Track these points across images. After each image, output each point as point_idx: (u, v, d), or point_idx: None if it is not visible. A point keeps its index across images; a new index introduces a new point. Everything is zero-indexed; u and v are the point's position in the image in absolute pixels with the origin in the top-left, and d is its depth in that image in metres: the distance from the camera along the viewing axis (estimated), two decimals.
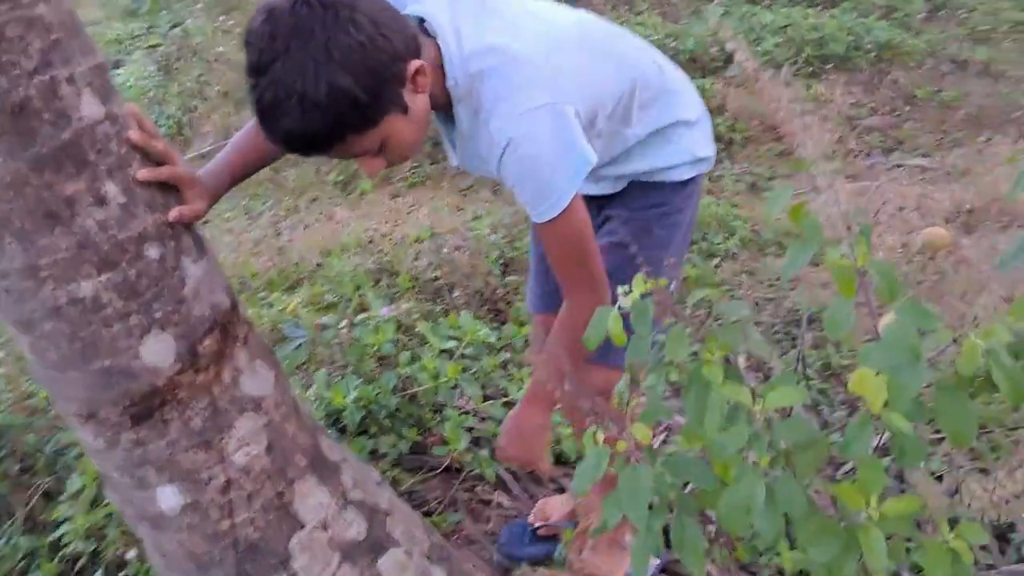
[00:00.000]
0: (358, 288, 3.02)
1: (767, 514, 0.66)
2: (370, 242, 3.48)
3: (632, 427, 0.72)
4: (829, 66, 4.89)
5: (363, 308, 2.88)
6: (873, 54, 4.98)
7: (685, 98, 1.63)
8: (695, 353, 0.71)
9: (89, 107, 1.18)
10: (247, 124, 1.50)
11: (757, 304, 2.97)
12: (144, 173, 1.25)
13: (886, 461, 1.00)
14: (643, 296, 0.74)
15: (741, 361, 2.43)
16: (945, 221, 3.65)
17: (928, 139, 4.42)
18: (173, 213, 1.29)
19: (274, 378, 1.47)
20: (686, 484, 0.74)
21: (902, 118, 4.62)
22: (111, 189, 1.21)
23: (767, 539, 0.66)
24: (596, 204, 1.71)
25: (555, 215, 1.35)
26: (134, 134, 1.25)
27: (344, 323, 2.61)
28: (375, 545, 1.59)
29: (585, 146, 1.35)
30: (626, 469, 0.72)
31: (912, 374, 0.60)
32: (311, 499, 1.51)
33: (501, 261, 3.06)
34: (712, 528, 0.77)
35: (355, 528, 1.57)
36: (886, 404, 0.61)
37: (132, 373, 1.27)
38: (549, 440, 1.61)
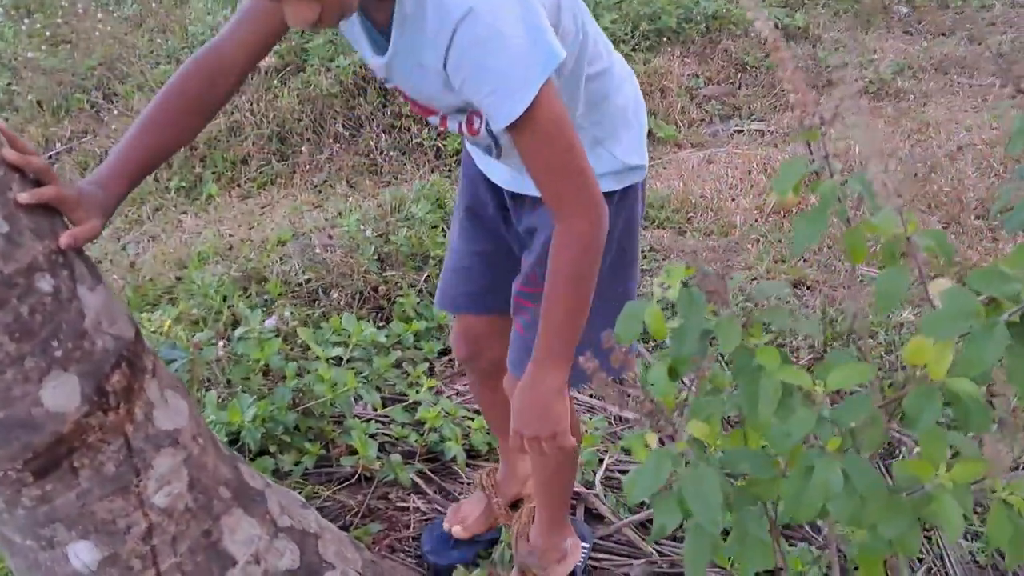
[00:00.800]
0: (225, 299, 2.84)
1: (843, 498, 0.64)
2: (229, 249, 3.28)
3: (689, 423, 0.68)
4: (665, 39, 5.02)
5: (235, 320, 2.72)
6: (703, 25, 5.15)
7: (627, 88, 1.52)
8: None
9: None
10: (137, 119, 1.33)
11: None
12: (26, 196, 1.10)
13: None
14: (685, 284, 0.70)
15: None
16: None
17: (762, 103, 4.63)
18: (65, 238, 1.15)
19: (187, 408, 1.35)
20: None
21: (736, 85, 4.81)
22: None
23: (845, 521, 0.64)
24: (516, 209, 1.60)
25: (527, 107, 1.15)
26: (9, 153, 1.10)
27: (221, 340, 2.45)
28: (310, 571, 1.50)
29: (552, 35, 1.17)
30: (688, 469, 0.68)
31: (990, 339, 0.59)
32: (240, 533, 1.40)
33: (376, 257, 2.96)
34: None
35: (288, 557, 1.47)
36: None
37: (32, 422, 1.13)
38: (569, 408, 1.41)
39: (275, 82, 4.36)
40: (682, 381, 0.75)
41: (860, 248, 0.70)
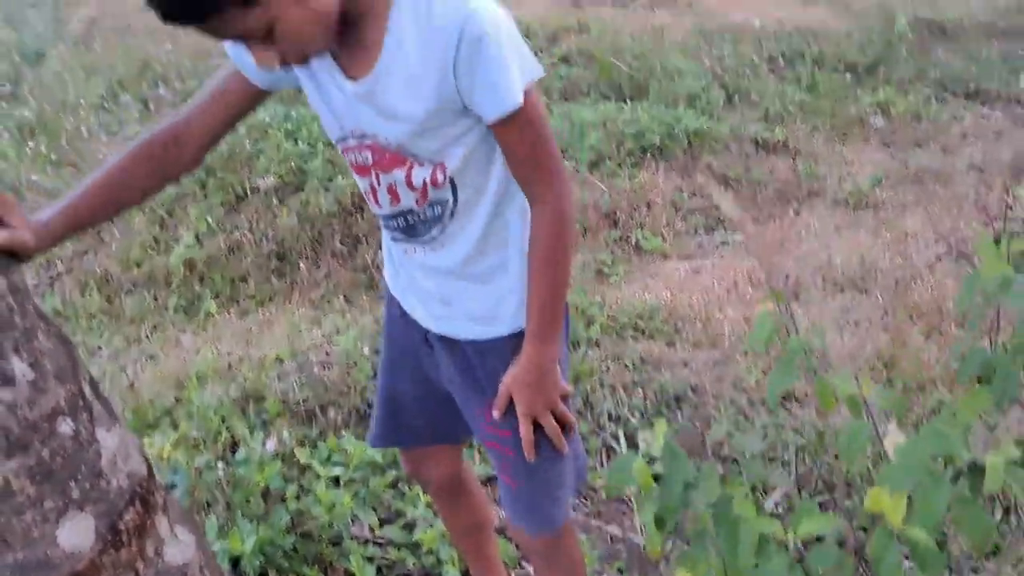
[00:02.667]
0: (224, 420, 2.88)
1: None
2: (228, 368, 3.33)
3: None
4: (649, 155, 5.22)
5: (234, 441, 2.76)
6: (686, 141, 5.35)
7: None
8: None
9: None
10: (93, 173, 1.42)
11: (625, 389, 3.07)
12: None
13: None
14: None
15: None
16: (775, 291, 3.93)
17: (745, 216, 4.77)
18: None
19: (195, 542, 1.38)
20: None
21: (720, 198, 4.97)
22: (18, 366, 1.12)
23: None
24: (449, 351, 1.58)
25: (522, 96, 1.28)
26: None
27: (220, 461, 2.49)
28: None
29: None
30: None
31: (938, 494, 0.66)
32: None
33: (373, 374, 3.02)
34: None
35: None
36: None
37: (49, 562, 1.17)
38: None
39: (275, 201, 4.50)
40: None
41: (828, 398, 0.78)
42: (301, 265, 4.23)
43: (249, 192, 4.57)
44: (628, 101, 6.21)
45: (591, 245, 4.43)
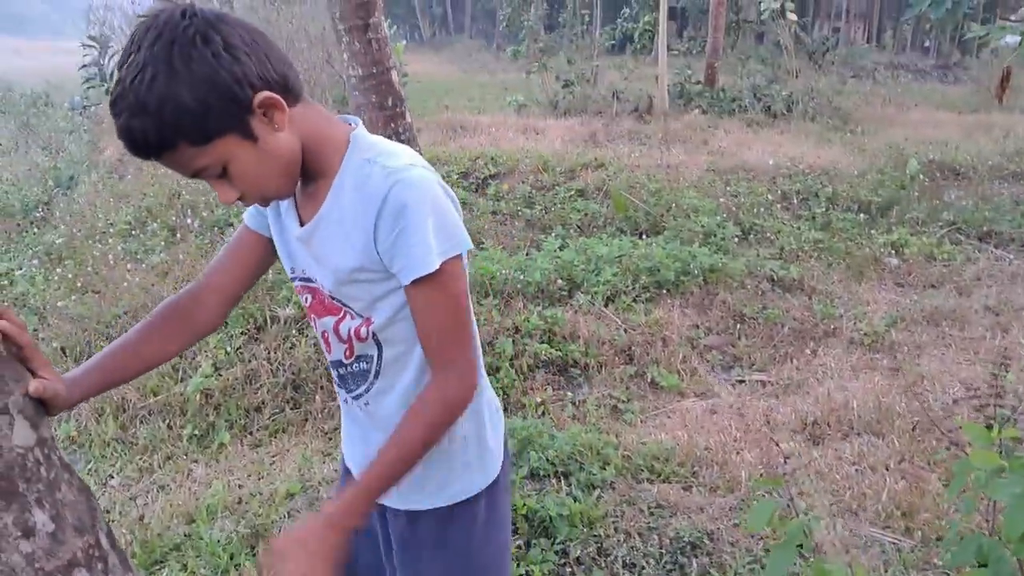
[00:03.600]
0: (232, 557, 2.84)
1: None
2: (238, 503, 3.31)
3: None
4: (664, 291, 5.27)
5: None
6: (701, 278, 5.42)
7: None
8: None
9: (21, 435, 1.13)
10: (120, 338, 1.47)
11: (640, 535, 3.02)
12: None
13: None
14: None
15: None
16: (793, 433, 3.90)
17: (762, 354, 4.77)
18: (34, 384, 1.20)
19: None
20: None
21: (736, 335, 4.99)
22: (40, 518, 1.13)
23: None
24: (382, 519, 1.61)
25: (438, 265, 1.31)
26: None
27: None
28: None
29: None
30: None
31: None
32: None
33: None
34: None
35: None
36: None
37: None
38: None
39: (293, 331, 4.55)
40: None
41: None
42: (316, 396, 4.24)
43: (269, 321, 4.63)
44: (644, 236, 6.34)
45: (606, 381, 4.43)
